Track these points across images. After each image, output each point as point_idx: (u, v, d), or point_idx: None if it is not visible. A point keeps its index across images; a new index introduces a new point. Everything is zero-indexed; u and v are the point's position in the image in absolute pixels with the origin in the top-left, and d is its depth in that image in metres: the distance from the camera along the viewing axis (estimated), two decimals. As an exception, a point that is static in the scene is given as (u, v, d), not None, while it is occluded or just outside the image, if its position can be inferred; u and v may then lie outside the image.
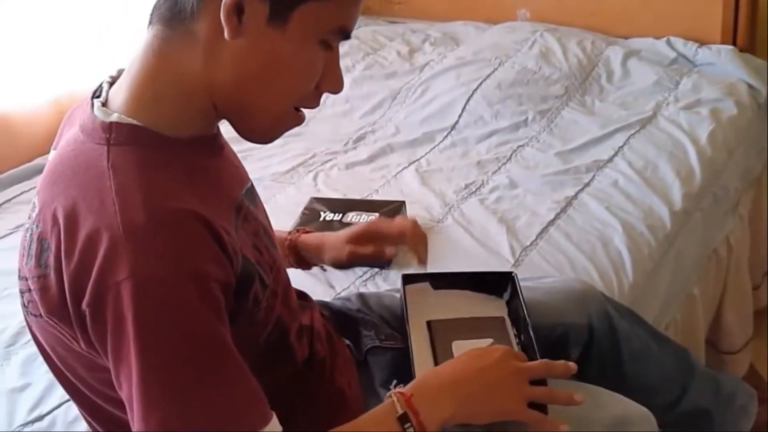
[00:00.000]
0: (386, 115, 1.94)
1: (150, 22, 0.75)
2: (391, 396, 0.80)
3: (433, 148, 1.77)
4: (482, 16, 2.22)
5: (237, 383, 0.70)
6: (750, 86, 1.73)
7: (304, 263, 1.12)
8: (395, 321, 1.09)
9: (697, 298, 1.53)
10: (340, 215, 1.48)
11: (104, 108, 0.75)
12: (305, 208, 1.53)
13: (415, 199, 1.58)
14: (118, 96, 0.76)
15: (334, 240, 1.11)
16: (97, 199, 0.69)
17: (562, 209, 1.47)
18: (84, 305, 0.68)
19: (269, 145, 0.85)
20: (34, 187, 1.93)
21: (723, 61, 1.77)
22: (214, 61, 0.73)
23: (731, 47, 1.78)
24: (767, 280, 1.92)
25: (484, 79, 1.87)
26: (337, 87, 0.80)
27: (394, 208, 1.49)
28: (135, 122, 0.73)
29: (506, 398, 0.83)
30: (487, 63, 1.93)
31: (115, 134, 0.73)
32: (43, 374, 1.23)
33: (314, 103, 0.80)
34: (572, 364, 0.87)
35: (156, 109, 0.74)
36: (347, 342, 1.04)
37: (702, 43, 1.84)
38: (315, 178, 1.73)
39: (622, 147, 1.62)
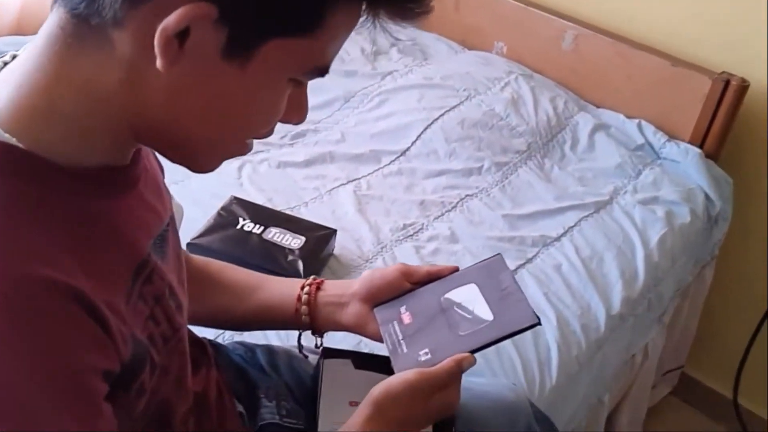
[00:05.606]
0: (334, 117, 1.76)
1: (55, 1, 0.54)
2: None
3: (377, 170, 1.61)
4: (457, 36, 2.07)
5: None
6: (707, 196, 1.67)
7: (319, 327, 0.90)
8: (302, 393, 0.93)
9: (605, 405, 1.46)
10: (262, 228, 1.30)
11: None
12: (222, 208, 1.33)
13: (347, 225, 1.42)
14: (1, 97, 0.54)
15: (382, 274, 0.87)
16: None
17: (499, 283, 1.35)
18: None
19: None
20: None
21: (687, 163, 1.70)
22: (138, 86, 0.54)
23: (698, 150, 1.72)
24: (664, 381, 1.92)
25: (448, 110, 1.72)
26: (300, 119, 0.64)
27: (324, 236, 1.32)
28: (13, 141, 0.52)
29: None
30: (454, 93, 1.78)
31: None
32: None
33: (269, 133, 0.63)
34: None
35: (48, 126, 0.54)
36: (241, 409, 0.87)
37: (670, 135, 1.77)
38: (240, 169, 1.54)
39: (572, 228, 1.52)
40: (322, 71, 0.59)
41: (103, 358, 0.52)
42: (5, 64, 0.57)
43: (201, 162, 0.62)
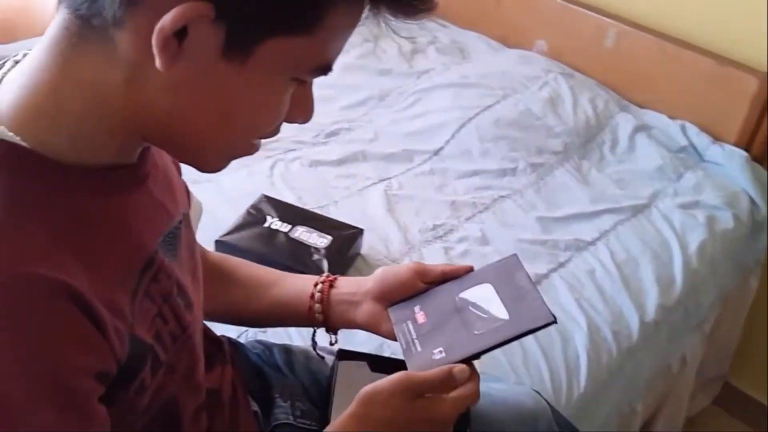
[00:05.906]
0: (368, 116, 1.75)
1: (60, 1, 0.54)
2: None
3: (409, 170, 1.59)
4: (497, 33, 2.04)
5: None
6: (752, 200, 1.61)
7: (332, 324, 0.88)
8: (318, 393, 0.93)
9: (638, 415, 1.42)
10: (289, 227, 1.30)
11: None
12: (251, 206, 1.34)
13: (375, 225, 1.41)
14: (7, 97, 0.55)
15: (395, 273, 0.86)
16: None
17: (529, 287, 1.32)
18: None
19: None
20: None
21: (732, 166, 1.64)
22: (141, 85, 0.54)
23: (744, 153, 1.66)
24: (704, 390, 1.85)
25: (483, 110, 1.70)
26: (306, 118, 0.63)
27: (351, 235, 1.32)
28: (17, 140, 0.53)
29: None
30: (490, 92, 1.76)
31: None
32: None
33: (275, 133, 0.63)
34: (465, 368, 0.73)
35: (53, 125, 0.54)
36: (255, 408, 0.88)
37: (715, 137, 1.71)
38: (272, 167, 1.55)
39: (608, 232, 1.48)
40: (325, 69, 0.58)
41: (96, 359, 0.52)
42: (16, 63, 0.59)
43: (206, 161, 0.62)
